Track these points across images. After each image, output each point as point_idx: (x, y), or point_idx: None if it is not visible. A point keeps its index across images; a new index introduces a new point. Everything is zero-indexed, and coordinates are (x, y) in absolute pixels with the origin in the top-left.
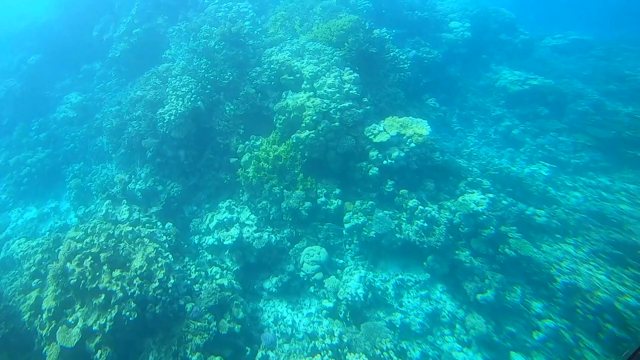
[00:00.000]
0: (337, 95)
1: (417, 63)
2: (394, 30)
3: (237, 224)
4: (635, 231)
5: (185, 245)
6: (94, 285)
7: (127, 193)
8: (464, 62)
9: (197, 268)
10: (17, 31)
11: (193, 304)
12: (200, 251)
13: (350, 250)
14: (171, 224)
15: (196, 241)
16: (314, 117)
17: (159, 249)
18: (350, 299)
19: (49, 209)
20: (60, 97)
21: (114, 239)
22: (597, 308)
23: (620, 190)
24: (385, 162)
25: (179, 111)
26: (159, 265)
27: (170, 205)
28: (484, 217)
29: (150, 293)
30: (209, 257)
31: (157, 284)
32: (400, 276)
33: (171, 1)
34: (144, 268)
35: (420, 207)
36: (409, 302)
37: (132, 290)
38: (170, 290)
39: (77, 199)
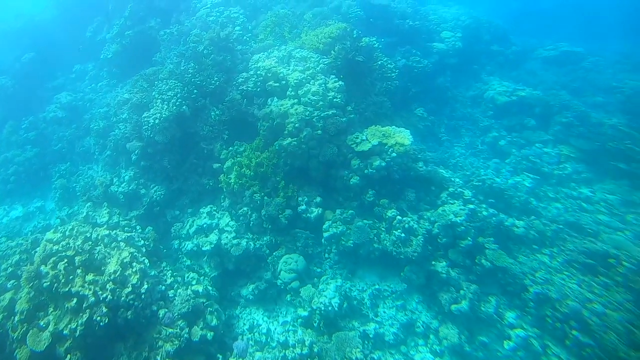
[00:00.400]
0: (321, 103)
1: (407, 72)
2: (385, 39)
3: (216, 230)
4: (607, 240)
5: (165, 250)
6: (67, 289)
7: (109, 195)
8: (454, 72)
9: (174, 273)
10: (12, 29)
11: (166, 310)
12: (180, 256)
13: (329, 259)
14: (151, 228)
15: (176, 246)
16: (297, 125)
17: (135, 253)
18: (323, 308)
19: (34, 208)
20: (51, 97)
21: (90, 242)
22: (564, 316)
23: (600, 201)
24: (366, 171)
25: (164, 115)
26: (134, 270)
27: (153, 209)
28: (462, 228)
29: (122, 298)
30: (188, 262)
31: (130, 289)
32: (377, 286)
33: (164, 4)
34: (118, 273)
35: (398, 217)
36: (384, 312)
37: (105, 295)
38: (143, 296)
39: (62, 200)
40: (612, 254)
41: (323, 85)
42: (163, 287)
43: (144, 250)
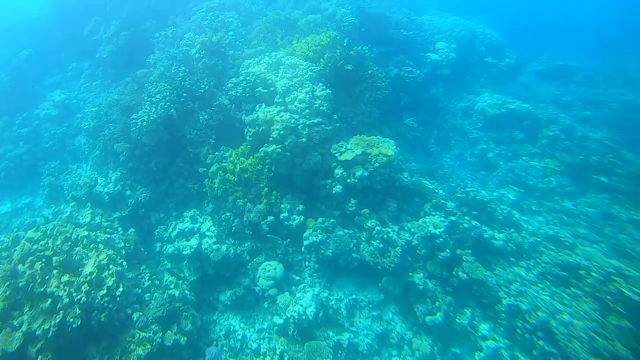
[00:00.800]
0: (307, 110)
1: (399, 82)
2: (379, 48)
3: (198, 234)
4: (580, 252)
5: (146, 253)
6: (42, 289)
7: (93, 196)
8: (447, 83)
9: (152, 277)
10: (11, 25)
11: (141, 313)
12: (161, 259)
13: (309, 267)
14: (133, 230)
15: (158, 249)
16: (281, 132)
17: (113, 255)
18: (297, 317)
19: (23, 204)
20: (47, 94)
21: (70, 243)
22: (533, 326)
23: (580, 215)
24: (349, 180)
25: (151, 118)
26: (110, 272)
27: (138, 210)
28: (441, 239)
29: (97, 300)
30: (169, 265)
31: (105, 291)
32: (354, 296)
33: (161, 6)
34: (94, 274)
35: (377, 227)
36: (360, 322)
37: (79, 297)
38: (118, 299)
39: (49, 198)
40: (583, 266)
41: (310, 93)
42: (140, 290)
43: (124, 252)
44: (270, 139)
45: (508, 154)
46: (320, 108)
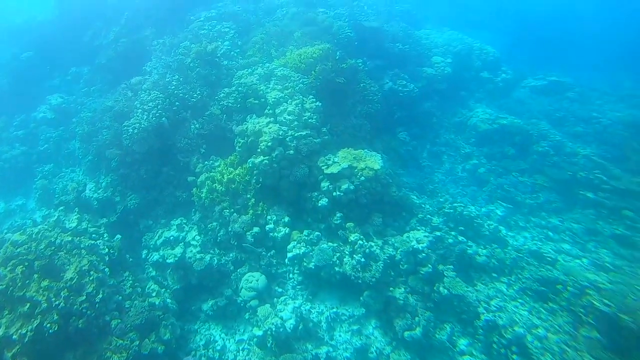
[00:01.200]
0: (296, 123)
1: (393, 96)
2: (375, 62)
3: (182, 243)
4: (559, 267)
5: (132, 259)
6: (22, 293)
7: (82, 201)
8: (442, 97)
9: (135, 284)
10: (14, 27)
11: (119, 320)
12: (146, 266)
13: (292, 280)
14: (120, 236)
15: (144, 256)
16: (269, 144)
17: (95, 261)
18: (274, 329)
19: (15, 205)
20: (45, 96)
21: (53, 248)
22: (508, 341)
23: (566, 230)
24: (334, 193)
25: (143, 125)
26: (91, 278)
27: (126, 217)
28: (424, 255)
29: (75, 306)
30: (153, 273)
31: (84, 297)
32: (336, 309)
33: (160, 14)
34: (74, 280)
35: (359, 241)
36: (340, 336)
37: (57, 302)
38: (97, 305)
39: (41, 201)
40: (561, 280)
41: (300, 105)
42: (120, 298)
43: (107, 259)
44: (259, 150)
45: (499, 170)
46: (309, 120)
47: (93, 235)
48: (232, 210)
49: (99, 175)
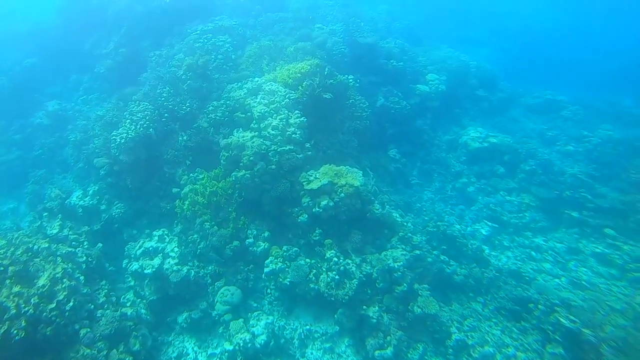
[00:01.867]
0: (279, 137)
1: (384, 112)
2: (367, 78)
3: (161, 254)
4: (534, 286)
5: (112, 268)
6: None
7: (66, 208)
8: (435, 115)
9: (110, 293)
10: (19, 32)
11: (89, 329)
12: (126, 276)
13: (269, 295)
14: (101, 244)
15: (124, 265)
16: (251, 158)
17: (69, 269)
18: (242, 344)
19: (7, 209)
20: (44, 102)
21: (30, 254)
22: None
23: (548, 250)
24: (314, 209)
25: (130, 135)
26: (63, 286)
27: (111, 226)
28: (399, 273)
29: (45, 313)
30: (132, 283)
31: (54, 305)
32: (309, 326)
33: (160, 26)
34: (47, 287)
35: (334, 259)
36: (312, 353)
37: (27, 309)
38: (67, 313)
39: (30, 206)
40: (533, 299)
41: (285, 120)
42: (92, 306)
43: (84, 267)
44: (241, 164)
45: (487, 189)
46: (293, 136)
47: (73, 243)
48: (213, 223)
49: (89, 183)
